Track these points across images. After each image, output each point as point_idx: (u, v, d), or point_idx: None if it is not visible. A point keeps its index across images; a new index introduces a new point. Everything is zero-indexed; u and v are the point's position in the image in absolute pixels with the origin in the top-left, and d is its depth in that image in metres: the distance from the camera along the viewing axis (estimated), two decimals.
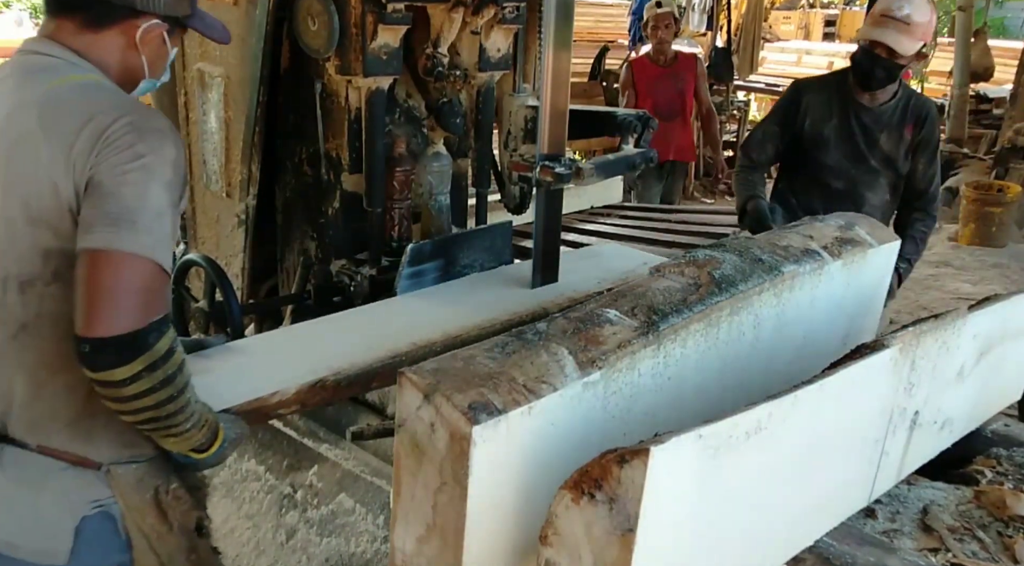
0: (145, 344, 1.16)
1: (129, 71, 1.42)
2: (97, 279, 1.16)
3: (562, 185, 2.03)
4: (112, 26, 1.37)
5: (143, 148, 1.23)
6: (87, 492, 1.31)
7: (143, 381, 1.17)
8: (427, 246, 2.18)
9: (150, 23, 1.39)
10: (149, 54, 1.42)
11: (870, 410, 1.53)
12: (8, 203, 1.24)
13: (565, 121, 1.96)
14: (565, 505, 1.14)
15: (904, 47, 2.70)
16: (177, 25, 1.46)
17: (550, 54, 1.86)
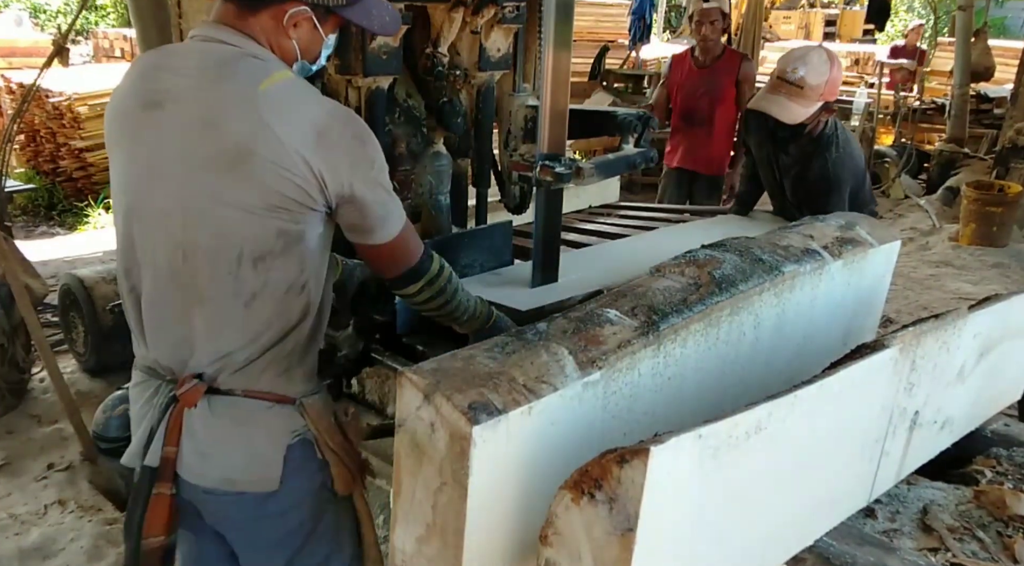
0: (423, 267, 1.57)
1: (283, 54, 1.50)
2: (385, 255, 1.52)
3: (562, 185, 2.03)
4: (264, 10, 1.45)
5: (370, 152, 1.44)
6: (288, 424, 1.49)
7: (426, 291, 1.59)
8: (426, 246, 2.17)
9: (297, 9, 1.45)
10: (301, 39, 1.50)
11: (870, 410, 1.53)
12: (244, 191, 1.36)
13: (565, 121, 1.96)
14: (565, 505, 1.14)
15: (794, 115, 2.65)
16: (329, 13, 1.51)
17: (550, 54, 1.86)
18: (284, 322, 1.44)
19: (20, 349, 3.49)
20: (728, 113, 4.53)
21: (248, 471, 1.47)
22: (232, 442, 1.47)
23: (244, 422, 1.46)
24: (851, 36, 15.47)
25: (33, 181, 6.88)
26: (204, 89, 1.39)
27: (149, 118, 1.41)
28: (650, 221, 3.45)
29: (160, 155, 1.39)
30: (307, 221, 1.40)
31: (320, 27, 1.50)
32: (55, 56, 4.14)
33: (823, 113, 2.73)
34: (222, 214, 1.37)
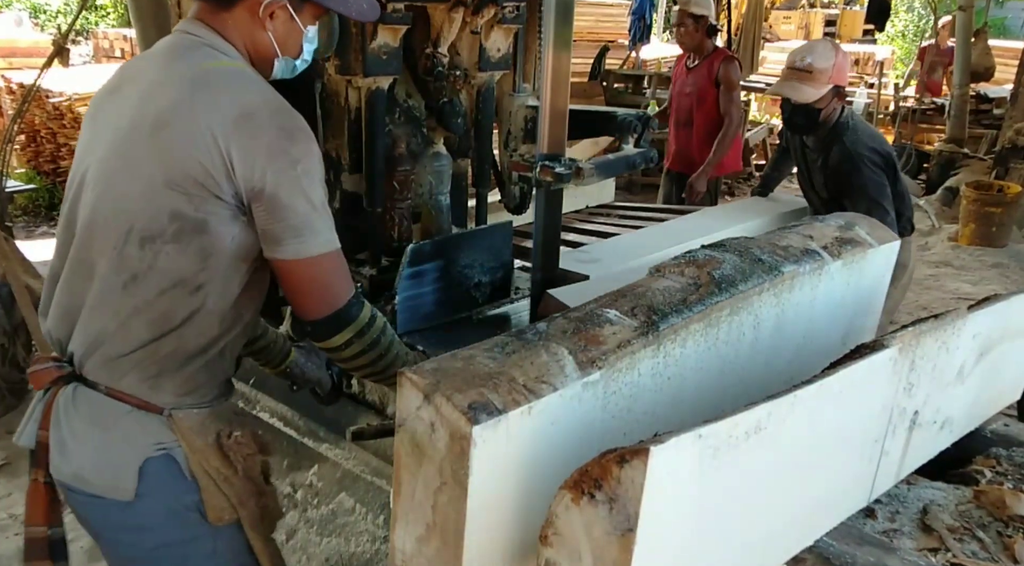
0: (349, 316, 1.42)
1: (260, 50, 1.47)
2: (298, 281, 1.38)
3: (562, 185, 2.04)
4: (237, 4, 1.43)
5: (297, 152, 1.34)
6: (151, 434, 1.40)
7: (355, 345, 1.45)
8: (427, 246, 2.18)
9: (271, 0, 1.43)
10: (277, 32, 1.46)
11: (870, 410, 1.53)
12: (151, 163, 1.32)
13: (565, 121, 1.96)
14: (565, 505, 1.14)
15: (806, 95, 2.90)
16: (304, 1, 1.47)
17: (550, 54, 1.86)
18: (163, 320, 1.35)
19: (20, 349, 3.50)
20: (709, 114, 4.51)
21: (100, 474, 1.39)
22: (87, 439, 1.39)
23: (101, 421, 1.39)
24: (851, 36, 15.47)
25: (34, 181, 6.89)
26: (154, 70, 1.40)
27: (109, 101, 1.43)
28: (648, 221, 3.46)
29: (102, 131, 1.40)
30: (209, 210, 1.32)
31: (297, 17, 1.47)
32: (55, 56, 4.15)
33: (836, 99, 2.94)
34: (125, 186, 1.33)
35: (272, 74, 1.53)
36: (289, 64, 1.53)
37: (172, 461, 1.41)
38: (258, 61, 1.50)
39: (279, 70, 1.53)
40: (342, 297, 1.41)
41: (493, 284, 2.33)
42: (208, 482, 1.43)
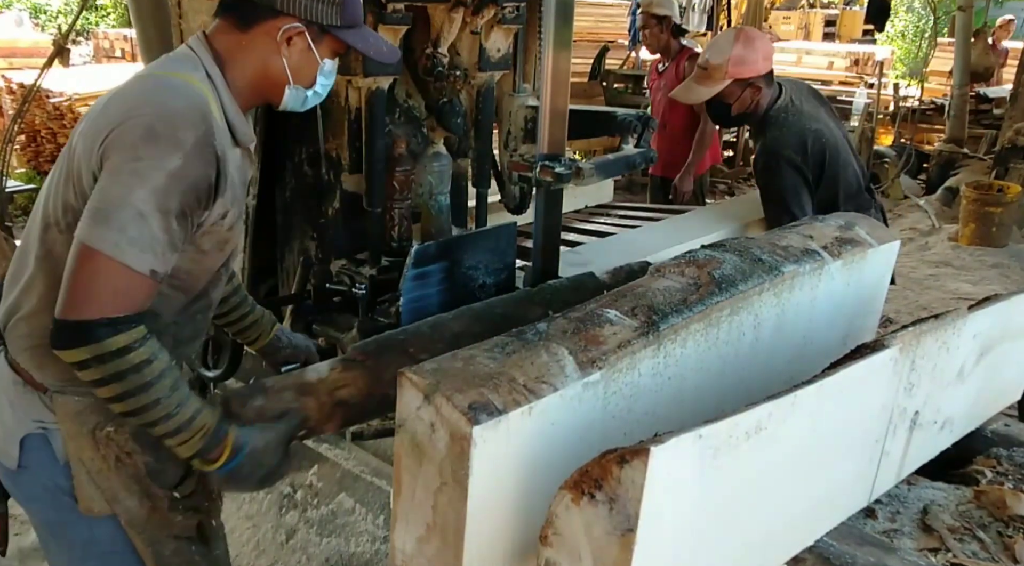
0: (92, 336, 1.24)
1: (272, 75, 1.48)
2: (70, 267, 1.27)
3: (562, 185, 2.03)
4: (257, 26, 1.45)
5: (144, 152, 1.28)
6: (33, 410, 1.43)
7: (92, 370, 1.26)
8: (431, 247, 2.17)
9: (291, 25, 1.44)
10: (292, 59, 1.47)
11: (870, 410, 1.53)
12: (66, 159, 1.38)
13: (565, 121, 1.96)
14: (565, 505, 1.14)
15: (697, 95, 2.83)
16: (324, 33, 1.49)
17: (550, 54, 1.86)
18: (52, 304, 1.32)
19: None
20: (683, 115, 4.49)
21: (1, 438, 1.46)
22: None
23: (3, 388, 1.46)
24: (851, 36, 15.46)
25: (34, 181, 6.89)
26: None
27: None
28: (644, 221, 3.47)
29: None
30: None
31: (315, 48, 1.49)
32: (56, 56, 4.15)
33: (748, 91, 2.80)
34: (53, 177, 1.42)
35: (282, 102, 1.54)
36: (300, 94, 1.54)
37: (47, 442, 1.43)
38: (267, 86, 1.51)
39: (289, 98, 1.53)
40: (93, 311, 1.24)
41: (497, 285, 2.33)
42: (80, 470, 1.43)
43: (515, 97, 2.64)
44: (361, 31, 1.56)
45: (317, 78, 1.54)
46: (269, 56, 1.47)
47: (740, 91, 2.79)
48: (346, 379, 1.59)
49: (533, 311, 1.87)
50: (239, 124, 1.47)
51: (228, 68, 1.46)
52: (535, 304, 1.92)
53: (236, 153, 1.48)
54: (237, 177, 1.47)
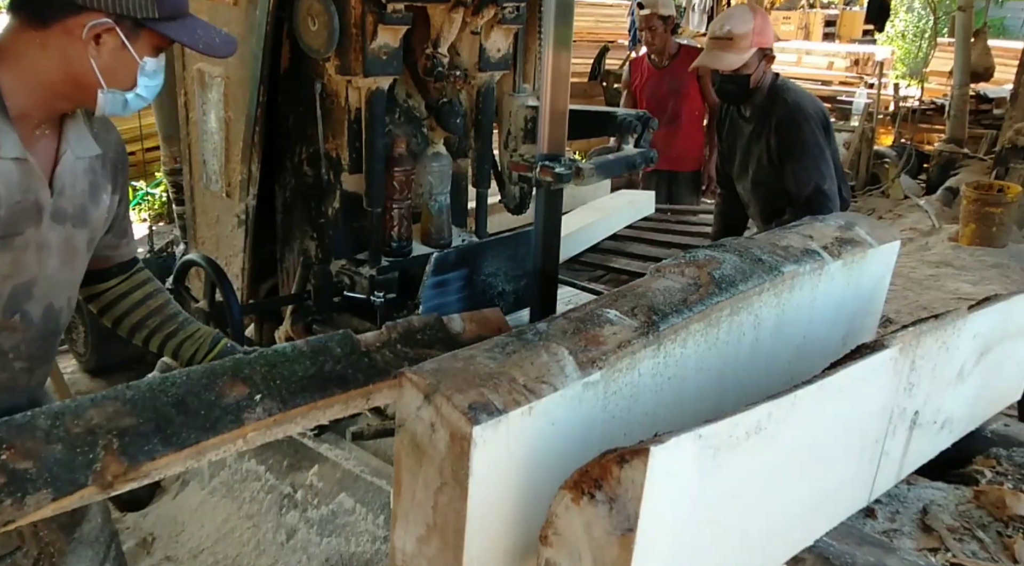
0: None
1: (77, 78, 1.31)
2: None
3: (562, 185, 2.03)
4: (55, 23, 1.27)
5: None
6: None
7: None
8: (451, 255, 2.16)
9: (97, 21, 1.26)
10: (103, 60, 1.29)
11: (870, 410, 1.53)
12: None
13: (565, 121, 1.96)
14: (565, 505, 1.14)
15: (728, 62, 2.85)
16: (140, 27, 1.30)
17: (550, 54, 1.86)
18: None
19: None
20: (694, 108, 4.81)
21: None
22: None
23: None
24: (851, 37, 15.47)
25: None
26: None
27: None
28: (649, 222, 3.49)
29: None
30: None
31: (130, 46, 1.31)
32: None
33: (764, 63, 2.90)
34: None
35: (99, 108, 1.36)
36: (118, 98, 1.35)
37: None
38: (73, 91, 1.33)
39: (105, 103, 1.35)
40: None
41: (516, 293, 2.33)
42: None
43: (515, 97, 2.64)
44: (186, 22, 1.35)
45: (138, 79, 1.35)
46: (73, 57, 1.28)
47: (758, 62, 2.88)
48: None
49: (231, 391, 1.33)
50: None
51: (9, 70, 1.28)
52: (238, 380, 1.35)
53: (3, 164, 1.28)
54: (3, 192, 1.28)
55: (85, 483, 1.21)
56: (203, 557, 2.43)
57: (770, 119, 2.92)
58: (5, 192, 1.28)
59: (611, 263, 4.90)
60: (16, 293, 1.35)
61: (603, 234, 5.30)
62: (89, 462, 1.21)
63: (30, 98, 1.31)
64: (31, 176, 1.32)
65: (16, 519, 1.16)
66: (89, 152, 1.43)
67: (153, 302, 1.69)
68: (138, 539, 2.56)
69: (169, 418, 1.27)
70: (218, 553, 2.43)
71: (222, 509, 2.54)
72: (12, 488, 1.16)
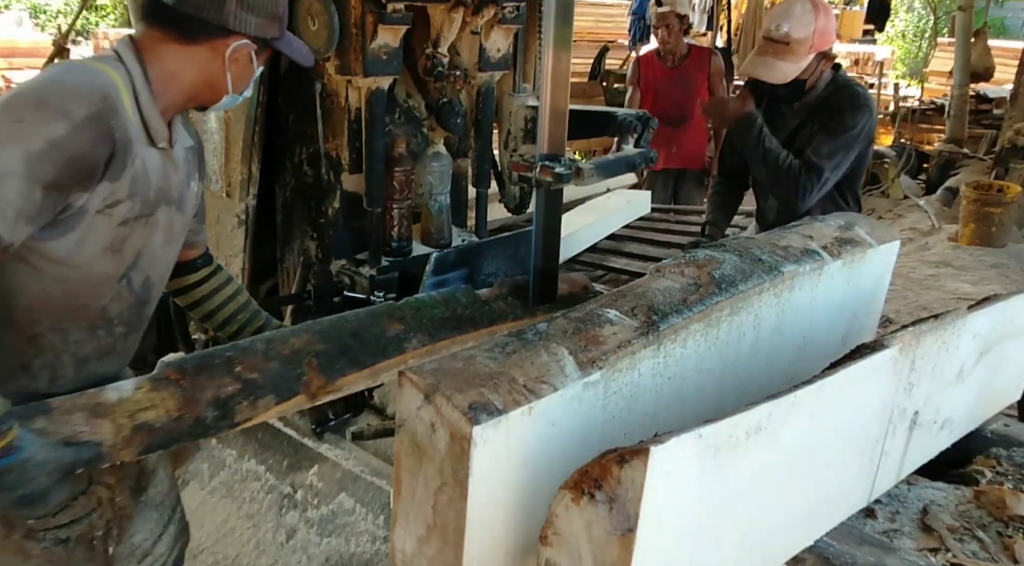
0: None
1: (212, 85, 1.52)
2: None
3: (562, 185, 2.04)
4: (203, 42, 1.47)
5: (28, 114, 1.27)
6: None
7: None
8: (451, 255, 2.16)
9: (240, 43, 1.48)
10: (235, 72, 1.51)
11: (870, 410, 1.53)
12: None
13: (565, 121, 1.96)
14: (565, 505, 1.14)
15: (783, 73, 2.54)
16: (266, 46, 1.55)
17: (550, 54, 1.86)
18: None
19: None
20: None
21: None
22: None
23: None
24: (851, 36, 15.45)
25: None
26: None
27: None
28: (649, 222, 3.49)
29: None
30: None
31: (255, 60, 1.54)
32: (56, 56, 4.15)
33: (823, 63, 2.62)
34: None
35: (214, 106, 1.59)
36: (235, 99, 1.59)
37: None
38: (205, 95, 1.55)
39: (223, 104, 1.59)
40: None
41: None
42: None
43: (515, 97, 2.64)
44: (288, 37, 1.60)
45: (251, 84, 1.61)
46: (213, 69, 1.50)
47: (817, 64, 2.59)
48: (152, 400, 1.45)
49: (391, 328, 1.72)
50: (154, 122, 1.45)
51: (154, 70, 1.46)
52: (394, 320, 1.75)
53: (153, 153, 1.47)
54: (153, 178, 1.47)
55: (298, 391, 1.54)
56: (203, 557, 2.43)
57: (824, 109, 2.65)
58: (154, 177, 1.47)
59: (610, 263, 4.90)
60: (134, 263, 1.51)
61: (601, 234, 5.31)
62: (298, 376, 1.55)
63: (173, 98, 1.50)
64: (169, 164, 1.53)
65: (251, 418, 1.49)
66: (187, 143, 1.62)
67: (241, 297, 1.88)
68: None
69: (350, 345, 1.61)
70: (218, 553, 2.43)
71: (222, 509, 2.54)
72: (246, 393, 1.49)
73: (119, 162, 1.36)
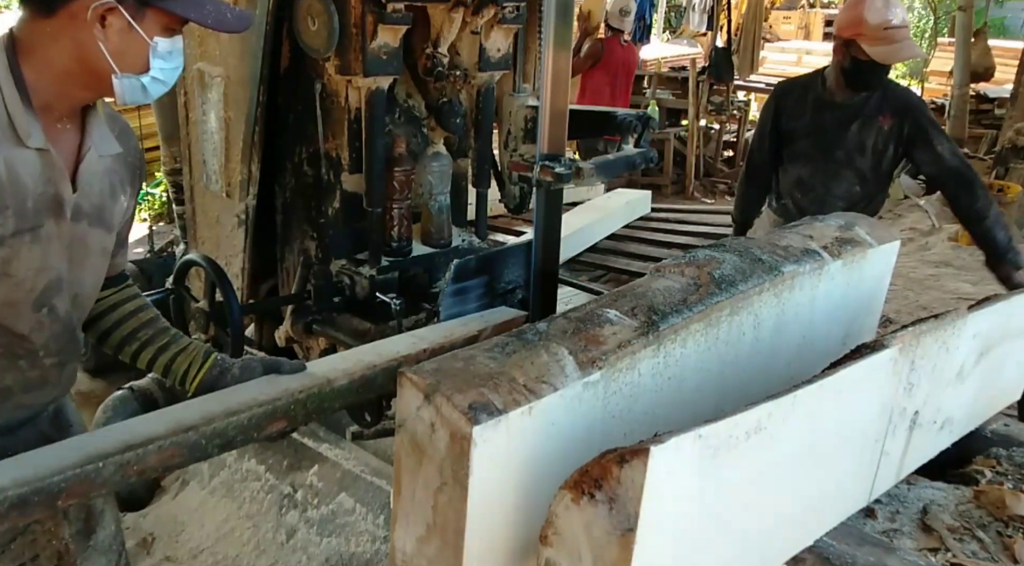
0: None
1: (89, 63, 1.28)
2: None
3: (562, 185, 2.03)
4: (60, 8, 1.24)
5: None
6: None
7: None
8: (471, 262, 2.13)
9: (100, 2, 1.23)
10: (111, 43, 1.26)
11: (870, 410, 1.53)
12: None
13: (565, 121, 1.96)
14: (565, 505, 1.14)
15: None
16: (145, 5, 1.27)
17: (550, 54, 1.86)
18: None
19: None
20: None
21: None
22: None
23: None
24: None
25: None
26: None
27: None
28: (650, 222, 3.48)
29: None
30: None
31: (137, 26, 1.27)
32: None
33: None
34: None
35: (118, 96, 1.33)
36: (134, 83, 1.32)
37: None
38: (88, 78, 1.31)
39: (123, 90, 1.32)
40: None
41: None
42: None
43: (515, 97, 2.64)
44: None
45: (151, 62, 1.31)
46: (83, 43, 1.25)
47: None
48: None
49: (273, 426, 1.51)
50: (20, 119, 1.24)
51: (26, 60, 1.27)
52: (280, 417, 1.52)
53: (26, 155, 1.27)
54: (29, 184, 1.28)
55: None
56: (203, 557, 2.43)
57: (889, 103, 2.83)
58: (30, 182, 1.28)
59: (610, 263, 4.90)
60: (47, 287, 1.35)
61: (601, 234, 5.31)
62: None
63: (50, 89, 1.29)
64: (53, 168, 1.31)
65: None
66: (111, 150, 1.42)
67: (144, 314, 1.63)
68: (138, 539, 2.55)
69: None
70: (218, 553, 2.43)
71: (222, 509, 2.54)
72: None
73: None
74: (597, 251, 5.14)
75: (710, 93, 8.20)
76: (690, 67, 8.20)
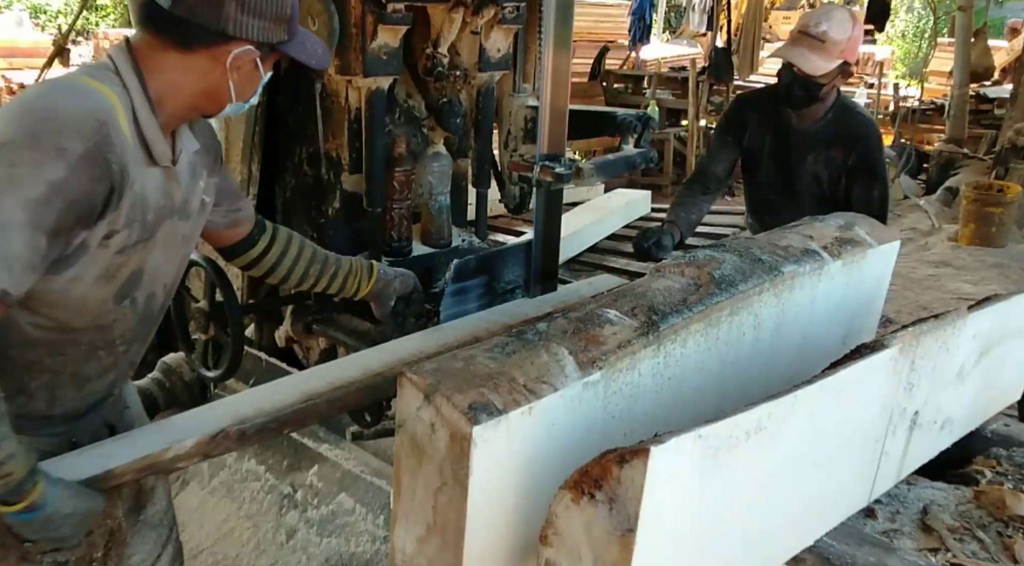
0: None
1: (214, 94, 1.42)
2: None
3: (562, 185, 2.04)
4: (201, 49, 1.37)
5: (22, 156, 1.19)
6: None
7: None
8: (471, 262, 2.13)
9: (242, 49, 1.37)
10: (239, 79, 1.41)
11: (870, 410, 1.53)
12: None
13: (565, 121, 1.96)
14: (565, 505, 1.14)
15: (814, 66, 2.58)
16: (272, 51, 1.44)
17: (550, 54, 1.86)
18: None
19: None
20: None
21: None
22: None
23: None
24: None
25: None
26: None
27: None
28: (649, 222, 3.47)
29: None
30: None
31: (261, 66, 1.43)
32: (56, 56, 4.15)
33: (840, 77, 2.68)
34: None
35: (218, 114, 1.51)
36: (240, 106, 1.49)
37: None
38: (206, 105, 1.45)
39: (228, 112, 1.51)
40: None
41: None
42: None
43: (515, 97, 2.64)
44: (299, 38, 1.48)
45: (258, 90, 1.50)
46: (213, 78, 1.39)
47: (836, 74, 2.66)
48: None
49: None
50: (155, 142, 1.37)
51: (153, 82, 1.37)
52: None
53: (154, 173, 1.38)
54: (153, 199, 1.38)
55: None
56: (203, 557, 2.43)
57: (842, 134, 2.72)
58: (153, 198, 1.39)
59: (610, 263, 4.90)
60: (132, 281, 1.43)
61: (601, 234, 5.31)
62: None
63: (174, 112, 1.41)
64: (171, 180, 1.44)
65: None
66: (192, 148, 1.52)
67: (307, 252, 1.86)
68: None
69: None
70: (218, 553, 2.43)
71: (222, 509, 2.54)
72: None
73: (117, 194, 1.28)
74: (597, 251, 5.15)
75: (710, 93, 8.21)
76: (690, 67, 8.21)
